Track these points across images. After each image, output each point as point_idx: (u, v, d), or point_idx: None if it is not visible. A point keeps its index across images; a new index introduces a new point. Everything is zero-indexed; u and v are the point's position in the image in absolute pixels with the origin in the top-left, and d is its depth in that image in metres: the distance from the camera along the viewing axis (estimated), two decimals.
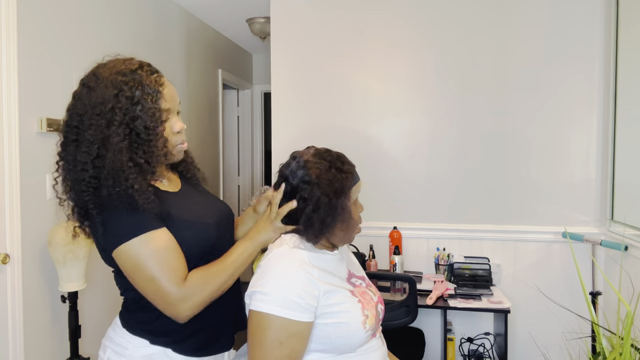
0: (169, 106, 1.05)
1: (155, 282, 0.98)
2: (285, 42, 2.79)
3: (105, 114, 0.98)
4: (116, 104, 0.98)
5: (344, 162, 1.09)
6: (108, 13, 2.43)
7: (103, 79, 1.00)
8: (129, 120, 0.99)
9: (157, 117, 1.02)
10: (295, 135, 2.77)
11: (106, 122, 0.98)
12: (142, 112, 1.00)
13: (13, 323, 1.84)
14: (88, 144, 0.98)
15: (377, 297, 1.15)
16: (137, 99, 1.00)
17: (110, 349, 1.08)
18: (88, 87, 1.01)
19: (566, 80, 2.47)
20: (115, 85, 0.99)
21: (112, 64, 1.03)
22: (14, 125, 1.83)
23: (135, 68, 1.03)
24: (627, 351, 1.13)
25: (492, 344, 2.56)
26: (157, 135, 1.02)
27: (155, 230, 0.99)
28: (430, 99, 2.63)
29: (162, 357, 1.06)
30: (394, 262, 2.48)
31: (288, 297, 0.96)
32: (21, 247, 1.87)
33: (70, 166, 1.01)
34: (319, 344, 1.02)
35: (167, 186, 1.13)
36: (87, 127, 0.99)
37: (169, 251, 1.00)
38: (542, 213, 2.52)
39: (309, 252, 1.05)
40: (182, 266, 1.01)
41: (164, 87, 1.04)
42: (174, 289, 0.98)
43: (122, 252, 0.98)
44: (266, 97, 4.90)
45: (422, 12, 2.61)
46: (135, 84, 1.00)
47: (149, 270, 0.97)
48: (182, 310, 0.99)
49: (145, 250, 0.97)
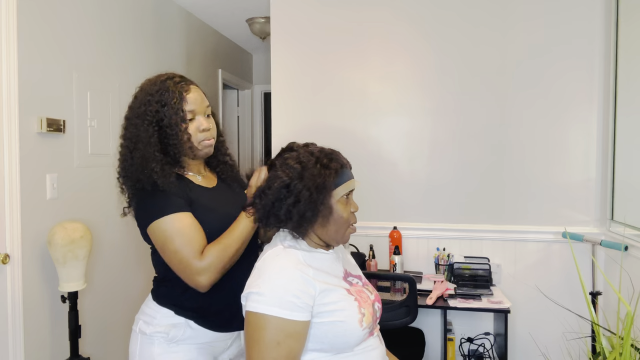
0: (192, 107, 1.26)
1: (179, 254, 1.17)
2: (285, 42, 2.80)
3: (140, 115, 1.24)
4: (148, 107, 1.23)
5: (332, 159, 1.09)
6: (108, 13, 2.43)
7: (143, 89, 1.28)
8: (158, 120, 1.23)
9: (180, 116, 1.23)
10: (295, 135, 2.77)
11: (140, 122, 1.23)
12: (167, 112, 1.23)
13: (13, 323, 1.84)
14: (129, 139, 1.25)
15: (374, 295, 1.15)
16: (164, 102, 1.23)
17: (142, 320, 1.28)
18: (135, 97, 1.29)
19: (566, 79, 2.46)
20: (149, 92, 1.25)
21: (153, 78, 1.30)
22: (14, 125, 1.83)
23: (165, 79, 1.27)
24: (627, 351, 1.13)
25: (492, 344, 2.56)
26: (180, 131, 1.24)
27: (181, 213, 1.19)
28: (430, 98, 2.63)
29: (185, 327, 1.24)
30: (394, 262, 2.48)
31: (284, 297, 0.96)
32: (21, 247, 1.87)
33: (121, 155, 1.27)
34: (316, 343, 1.02)
35: (201, 181, 1.33)
36: (129, 125, 1.26)
37: (192, 230, 1.19)
38: (542, 213, 2.52)
39: (304, 252, 1.06)
40: (203, 242, 1.19)
41: (188, 93, 1.26)
42: (195, 261, 1.16)
43: (153, 229, 1.19)
44: (266, 97, 4.90)
45: (421, 11, 2.61)
46: (163, 90, 1.24)
47: (175, 245, 1.17)
48: (202, 279, 1.17)
49: (171, 227, 1.17)
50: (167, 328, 1.23)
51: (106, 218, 2.38)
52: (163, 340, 1.23)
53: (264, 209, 1.08)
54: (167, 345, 1.23)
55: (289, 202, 1.05)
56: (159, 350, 1.23)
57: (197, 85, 1.32)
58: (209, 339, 1.27)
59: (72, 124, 2.15)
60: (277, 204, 1.06)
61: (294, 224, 1.06)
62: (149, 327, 1.25)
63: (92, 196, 2.29)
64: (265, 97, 4.92)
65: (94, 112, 2.27)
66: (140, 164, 1.21)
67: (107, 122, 2.37)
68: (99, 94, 2.31)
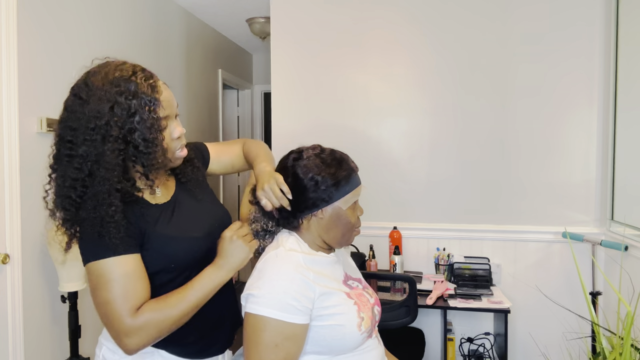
0: (167, 113, 0.99)
1: (110, 306, 0.94)
2: (285, 42, 2.79)
3: (100, 129, 0.92)
4: (111, 118, 0.92)
5: (342, 167, 1.08)
6: (108, 13, 2.43)
7: (96, 90, 0.94)
8: (126, 133, 0.93)
9: (155, 127, 0.95)
10: (295, 135, 2.77)
11: (101, 138, 0.92)
12: (140, 123, 0.94)
13: (13, 323, 1.84)
14: (81, 161, 0.93)
15: (373, 298, 1.15)
16: (134, 110, 0.93)
17: (105, 347, 1.07)
18: (80, 99, 0.95)
19: (566, 79, 2.46)
20: (109, 98, 0.92)
21: (104, 72, 0.96)
22: (14, 125, 1.83)
23: (129, 75, 0.95)
24: (627, 351, 1.13)
25: (492, 344, 2.56)
26: (156, 147, 0.96)
27: (125, 255, 0.95)
28: (430, 98, 2.63)
29: (156, 356, 1.05)
30: (394, 262, 2.48)
31: (283, 299, 0.96)
32: (21, 247, 1.87)
33: (59, 182, 0.97)
34: (314, 346, 1.02)
35: (158, 197, 1.07)
36: (81, 142, 0.93)
37: (135, 279, 0.96)
38: (542, 213, 2.52)
39: (305, 255, 1.05)
40: (143, 296, 0.97)
41: (160, 94, 0.98)
42: (126, 318, 0.93)
43: (89, 269, 0.97)
44: (266, 97, 4.90)
45: (422, 11, 2.61)
46: (131, 94, 0.94)
47: (108, 294, 0.94)
48: (129, 342, 0.94)
49: (109, 273, 0.94)
50: (135, 358, 1.03)
51: None
52: None
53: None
54: None
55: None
56: None
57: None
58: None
59: None
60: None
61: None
62: (114, 357, 1.05)
63: None
64: (265, 97, 4.92)
65: None
66: (94, 198, 0.92)
67: None
68: None
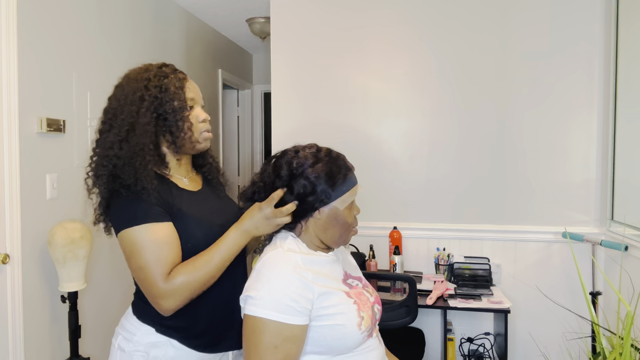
0: (193, 95, 1.16)
1: (145, 272, 1.03)
2: (285, 42, 2.80)
3: (135, 102, 1.10)
4: (145, 92, 1.10)
5: (339, 165, 1.08)
6: (108, 13, 2.43)
7: (133, 77, 1.14)
8: (157, 105, 1.11)
9: (182, 103, 1.13)
10: (295, 135, 2.77)
11: (136, 108, 1.09)
12: (168, 97, 1.11)
13: (13, 323, 1.84)
14: (119, 127, 1.09)
15: (373, 297, 1.15)
16: (164, 87, 1.12)
17: (121, 336, 1.15)
18: (120, 86, 1.15)
19: (566, 79, 2.47)
20: (144, 78, 1.12)
21: (142, 66, 1.17)
22: (14, 125, 1.83)
23: (160, 65, 1.17)
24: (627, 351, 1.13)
25: (492, 344, 2.56)
26: (183, 118, 1.13)
27: (158, 223, 1.05)
28: (431, 98, 2.63)
29: (167, 346, 1.12)
30: (394, 262, 2.48)
31: (282, 300, 0.96)
32: (21, 247, 1.87)
33: (100, 147, 1.12)
34: (314, 346, 1.02)
35: (187, 185, 1.20)
36: (119, 113, 1.10)
37: (166, 245, 1.05)
38: (542, 213, 2.52)
39: (303, 255, 1.05)
40: (174, 260, 1.06)
41: (187, 80, 1.17)
42: (160, 282, 1.03)
43: (123, 237, 1.06)
44: (266, 97, 4.90)
45: (422, 12, 2.62)
46: (163, 75, 1.13)
47: (142, 260, 1.03)
48: (165, 304, 1.04)
49: (142, 240, 1.04)
50: (148, 347, 1.11)
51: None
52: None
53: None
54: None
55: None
56: None
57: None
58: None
59: (72, 124, 2.15)
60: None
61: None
62: (129, 345, 1.13)
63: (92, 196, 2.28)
64: (265, 97, 4.92)
65: (94, 112, 2.27)
66: (129, 156, 1.07)
67: None
68: (99, 94, 2.31)
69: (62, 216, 2.08)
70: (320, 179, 1.05)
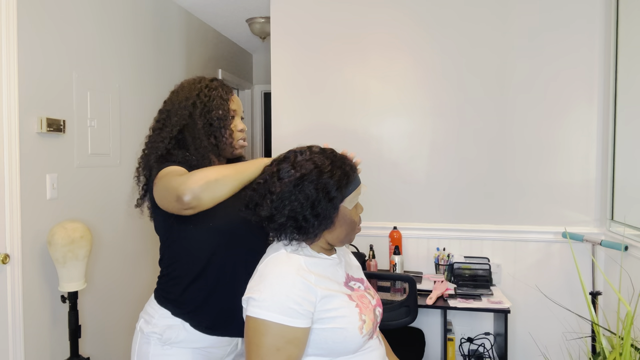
0: (235, 107, 1.35)
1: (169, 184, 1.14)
2: (285, 42, 2.80)
3: (188, 107, 1.30)
4: (197, 100, 1.30)
5: (345, 164, 1.09)
6: (108, 13, 2.43)
7: (187, 86, 1.35)
8: (206, 112, 1.29)
9: (226, 110, 1.31)
10: (295, 135, 2.77)
11: (189, 113, 1.29)
12: (216, 106, 1.30)
13: (13, 323, 1.84)
14: (171, 127, 1.29)
15: (375, 299, 1.15)
16: (213, 97, 1.31)
17: (143, 319, 1.28)
18: (175, 92, 1.35)
19: (566, 79, 2.47)
20: (196, 88, 1.32)
21: (192, 78, 1.38)
22: (14, 125, 1.83)
23: (212, 79, 1.37)
24: (627, 351, 1.13)
25: (492, 344, 2.56)
26: (225, 125, 1.31)
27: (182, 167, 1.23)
28: (431, 98, 2.63)
29: (180, 329, 1.22)
30: (394, 262, 2.48)
31: (285, 303, 0.96)
32: (21, 247, 1.87)
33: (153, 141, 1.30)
34: (315, 349, 1.02)
35: None
36: (173, 115, 1.31)
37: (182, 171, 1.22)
38: (542, 213, 2.52)
39: (306, 258, 1.05)
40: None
41: (232, 94, 1.36)
42: (178, 178, 1.14)
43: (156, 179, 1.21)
44: (266, 97, 4.90)
45: (422, 12, 2.62)
46: (211, 87, 1.33)
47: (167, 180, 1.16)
48: (184, 190, 1.09)
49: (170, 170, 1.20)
50: (163, 329, 1.22)
51: (106, 218, 2.38)
52: (158, 341, 1.22)
53: (275, 207, 1.04)
54: (161, 347, 1.22)
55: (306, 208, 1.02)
56: (153, 351, 1.22)
57: None
58: (204, 344, 1.24)
59: (72, 124, 2.15)
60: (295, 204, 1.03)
61: (312, 228, 1.04)
62: (147, 326, 1.25)
63: (92, 196, 2.29)
64: (265, 97, 4.92)
65: (94, 112, 2.27)
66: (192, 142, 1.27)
67: (107, 122, 2.37)
68: (99, 94, 2.31)
69: (62, 216, 2.08)
70: (328, 184, 1.03)
